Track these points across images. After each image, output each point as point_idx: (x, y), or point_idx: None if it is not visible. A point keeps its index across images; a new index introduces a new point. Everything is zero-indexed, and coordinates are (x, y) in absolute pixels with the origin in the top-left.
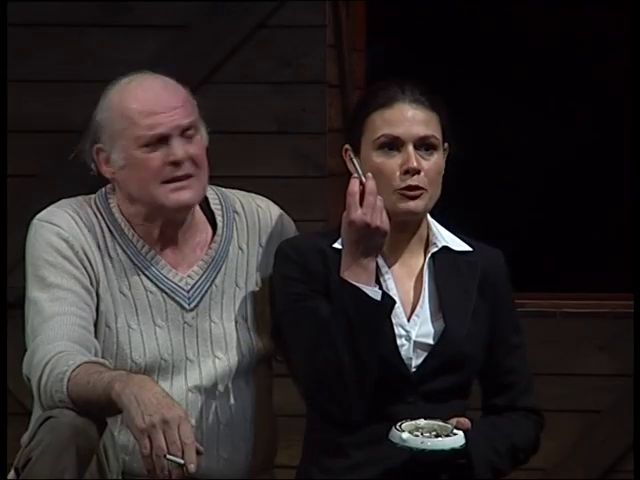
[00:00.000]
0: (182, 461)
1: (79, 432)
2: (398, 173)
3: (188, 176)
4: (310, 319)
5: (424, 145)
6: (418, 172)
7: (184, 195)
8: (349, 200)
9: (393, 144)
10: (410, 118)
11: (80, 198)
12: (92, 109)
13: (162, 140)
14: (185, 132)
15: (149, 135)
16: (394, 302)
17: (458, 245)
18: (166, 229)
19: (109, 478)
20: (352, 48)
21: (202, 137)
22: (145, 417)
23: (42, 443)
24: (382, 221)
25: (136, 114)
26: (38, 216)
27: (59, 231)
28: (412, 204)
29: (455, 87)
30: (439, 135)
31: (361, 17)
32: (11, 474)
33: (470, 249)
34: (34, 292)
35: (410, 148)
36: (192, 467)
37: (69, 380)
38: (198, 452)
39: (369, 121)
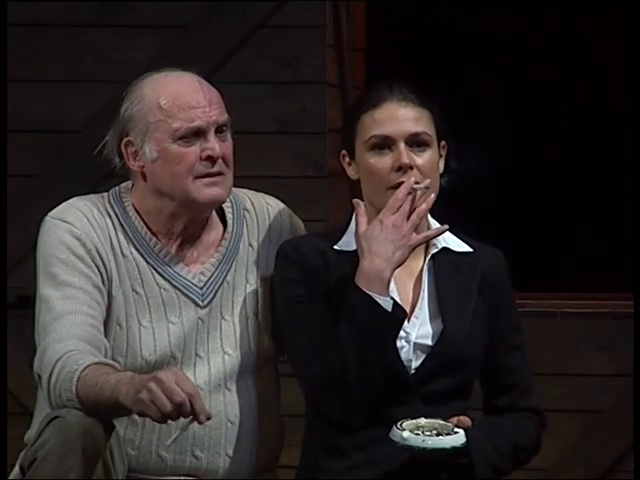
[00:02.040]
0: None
1: (86, 432)
2: (391, 171)
3: (219, 173)
4: (311, 321)
5: (416, 142)
6: (411, 168)
7: (216, 191)
8: (390, 202)
9: (384, 144)
10: (399, 116)
11: (92, 196)
12: (92, 109)
13: (198, 135)
14: (219, 130)
15: (186, 128)
16: (405, 314)
17: (458, 246)
18: (190, 225)
19: (114, 479)
20: (352, 48)
21: (230, 136)
22: (139, 389)
23: (48, 443)
24: (409, 233)
25: (175, 107)
26: (51, 213)
27: (72, 229)
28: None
29: (455, 86)
30: (431, 132)
31: (361, 17)
32: (15, 472)
33: (470, 250)
34: (45, 289)
35: (401, 145)
36: (204, 416)
37: (78, 380)
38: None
39: (360, 123)
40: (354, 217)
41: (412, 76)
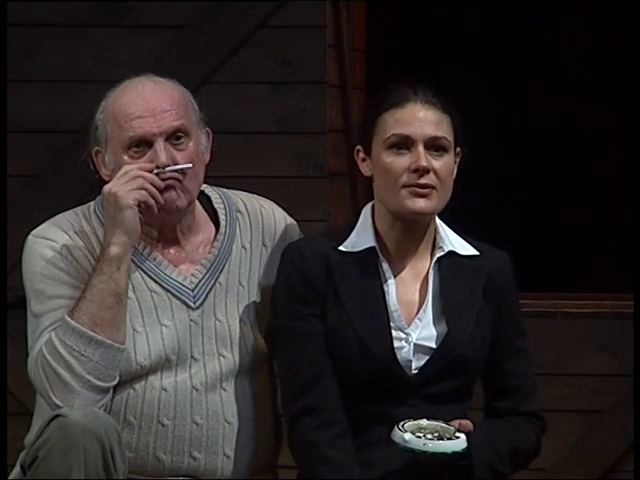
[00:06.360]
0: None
1: (87, 431)
2: (407, 172)
3: (171, 178)
4: (303, 344)
5: (434, 146)
6: (428, 171)
7: (172, 196)
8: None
9: (403, 143)
10: (421, 118)
11: (77, 209)
12: (92, 109)
13: (147, 144)
14: (171, 137)
15: (130, 138)
16: None
17: (465, 249)
18: (163, 230)
19: (115, 478)
20: (352, 48)
21: (195, 144)
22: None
23: (49, 442)
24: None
25: (122, 117)
26: (33, 232)
27: (52, 244)
28: (421, 202)
29: (457, 87)
30: (450, 137)
31: (361, 17)
32: (16, 472)
33: (476, 253)
34: (35, 307)
35: (420, 147)
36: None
37: (72, 319)
38: None
39: (380, 121)
40: (361, 217)
41: (411, 77)
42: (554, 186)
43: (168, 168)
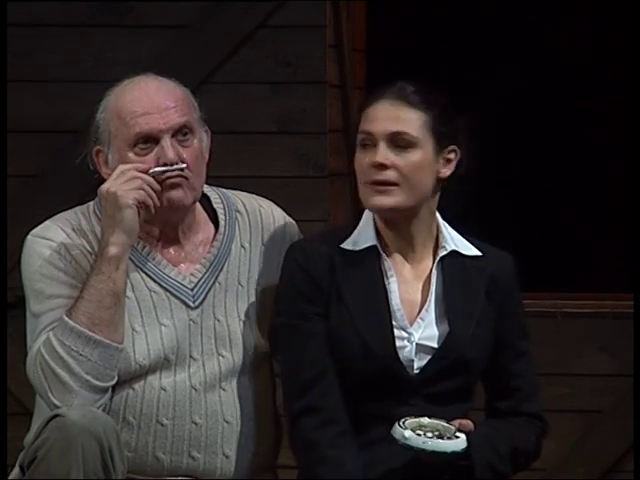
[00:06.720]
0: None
1: (85, 431)
2: (369, 168)
3: (179, 176)
4: (307, 343)
5: (396, 142)
6: (385, 167)
7: (178, 194)
8: None
9: (369, 140)
10: (385, 115)
11: (76, 209)
12: (92, 109)
13: (154, 141)
14: (178, 133)
15: (136, 134)
16: None
17: (468, 249)
18: (165, 229)
19: (114, 478)
20: (352, 48)
21: (199, 141)
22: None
23: (48, 442)
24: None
25: (128, 114)
26: (32, 232)
27: (51, 244)
28: (381, 199)
29: (457, 87)
30: (418, 133)
31: (361, 17)
32: (15, 472)
33: (479, 254)
34: (34, 306)
35: (381, 143)
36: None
37: (70, 319)
38: None
39: (360, 119)
40: (364, 215)
41: (411, 77)
42: (554, 186)
43: (160, 168)
